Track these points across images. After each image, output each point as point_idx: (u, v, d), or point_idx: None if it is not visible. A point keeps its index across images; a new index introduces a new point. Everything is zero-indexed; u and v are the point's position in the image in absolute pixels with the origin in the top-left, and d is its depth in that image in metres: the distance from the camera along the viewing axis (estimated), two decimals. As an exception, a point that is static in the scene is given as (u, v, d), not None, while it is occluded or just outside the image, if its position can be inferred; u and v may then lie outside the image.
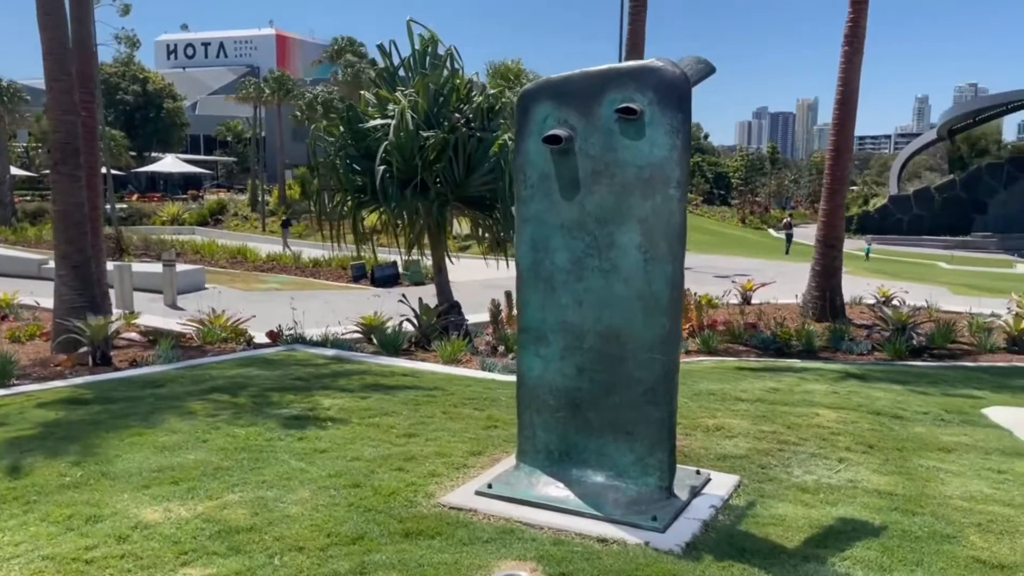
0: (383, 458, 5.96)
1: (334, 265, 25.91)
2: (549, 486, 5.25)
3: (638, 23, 13.88)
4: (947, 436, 7.07)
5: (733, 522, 4.95)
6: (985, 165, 49.77)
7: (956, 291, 21.98)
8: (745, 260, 30.33)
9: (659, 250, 4.89)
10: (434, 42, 12.43)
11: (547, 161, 5.17)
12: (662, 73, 4.82)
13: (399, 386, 8.41)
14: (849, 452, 6.44)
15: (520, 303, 5.41)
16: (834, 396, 8.47)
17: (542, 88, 5.21)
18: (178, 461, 5.84)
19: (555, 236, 5.19)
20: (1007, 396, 9.29)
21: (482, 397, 7.95)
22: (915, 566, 4.37)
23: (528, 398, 5.43)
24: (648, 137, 4.84)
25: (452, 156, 11.64)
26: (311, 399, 7.73)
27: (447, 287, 12.74)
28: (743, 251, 34.97)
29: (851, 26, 14.18)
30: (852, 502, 5.30)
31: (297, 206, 44.73)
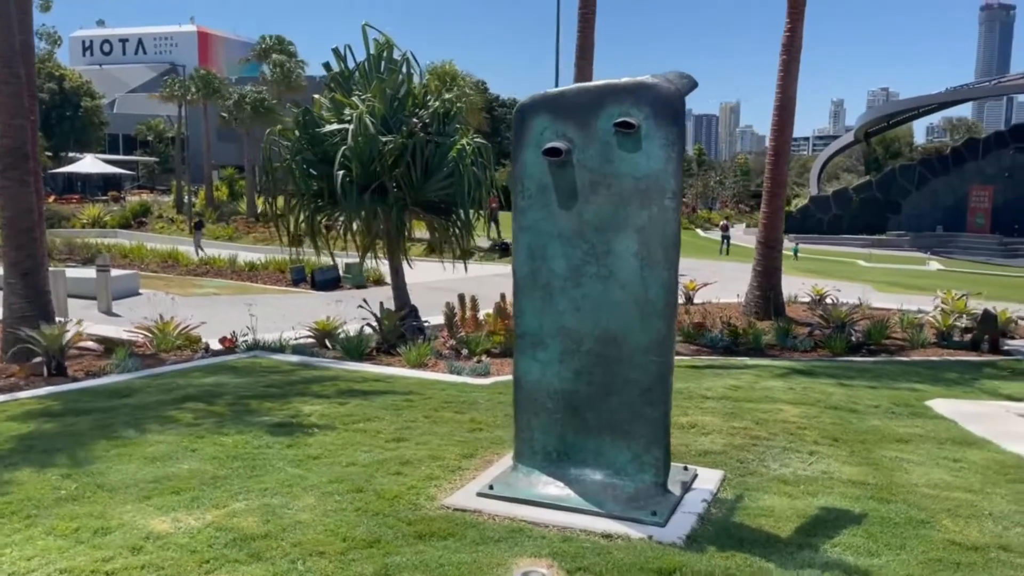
0: (378, 463, 6.07)
1: (271, 269, 25.57)
2: (549, 486, 5.45)
3: (587, 30, 14.19)
4: (902, 428, 7.54)
5: (726, 515, 5.24)
6: (898, 167, 52.02)
7: (880, 288, 23.00)
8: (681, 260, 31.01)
9: (655, 257, 5.14)
10: (389, 47, 12.49)
11: (545, 172, 5.36)
12: (658, 89, 5.07)
13: (374, 391, 8.49)
14: (817, 445, 6.82)
15: (517, 309, 5.59)
16: (792, 392, 8.90)
17: (539, 102, 5.41)
18: (172, 471, 5.82)
19: (553, 244, 5.39)
20: (943, 389, 9.90)
21: (459, 400, 8.09)
22: (899, 550, 4.72)
23: (526, 401, 5.62)
24: (644, 150, 5.09)
25: (410, 161, 11.73)
26: (290, 406, 7.75)
27: (404, 290, 12.81)
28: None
29: (788, 35, 14.78)
30: (830, 492, 5.66)
31: (225, 207, 43.90)
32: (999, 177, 49.31)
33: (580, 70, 14.26)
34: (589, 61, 14.21)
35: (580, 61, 14.22)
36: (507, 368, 10.25)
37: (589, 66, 14.23)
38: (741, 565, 4.45)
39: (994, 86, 51.60)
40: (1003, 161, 49.43)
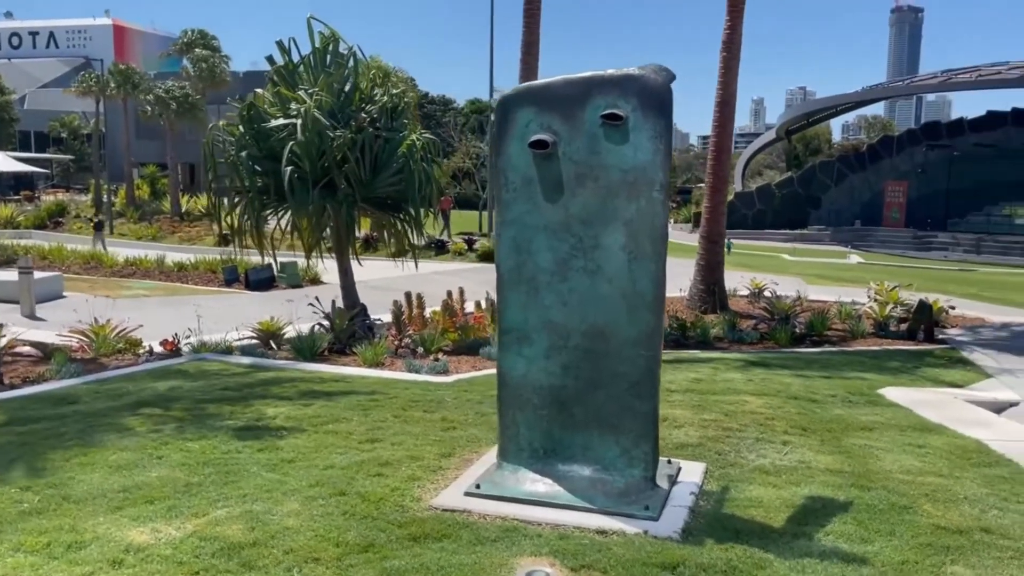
0: (357, 465, 5.90)
1: (202, 269, 24.82)
2: (537, 483, 5.38)
3: (533, 26, 14.17)
4: (864, 416, 7.72)
5: (715, 507, 5.26)
6: (818, 163, 53.64)
7: (810, 281, 23.64)
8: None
9: (643, 250, 5.12)
10: (335, 40, 12.21)
11: (530, 165, 5.29)
12: (645, 81, 5.05)
13: (337, 392, 8.28)
14: (788, 435, 6.93)
15: (502, 304, 5.50)
16: (752, 384, 9.04)
17: (523, 94, 5.33)
18: (141, 480, 5.55)
19: (538, 238, 5.32)
20: (890, 377, 10.21)
21: (426, 399, 7.96)
22: (889, 536, 4.81)
23: (511, 397, 5.53)
24: (632, 142, 5.06)
25: (359, 157, 11.50)
26: (252, 409, 7.49)
27: (353, 289, 12.57)
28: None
29: (729, 32, 15.04)
30: (812, 481, 5.74)
31: (147, 206, 42.45)
32: (913, 173, 51.32)
33: (526, 66, 14.23)
34: (535, 57, 14.20)
35: (526, 57, 14.19)
36: (465, 366, 10.17)
37: (535, 62, 14.21)
38: (741, 557, 4.47)
39: (907, 86, 53.63)
40: (916, 158, 51.44)
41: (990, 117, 48.74)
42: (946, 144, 50.61)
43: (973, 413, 8.47)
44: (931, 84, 50.13)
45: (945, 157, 50.64)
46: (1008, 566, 4.45)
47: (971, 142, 49.31)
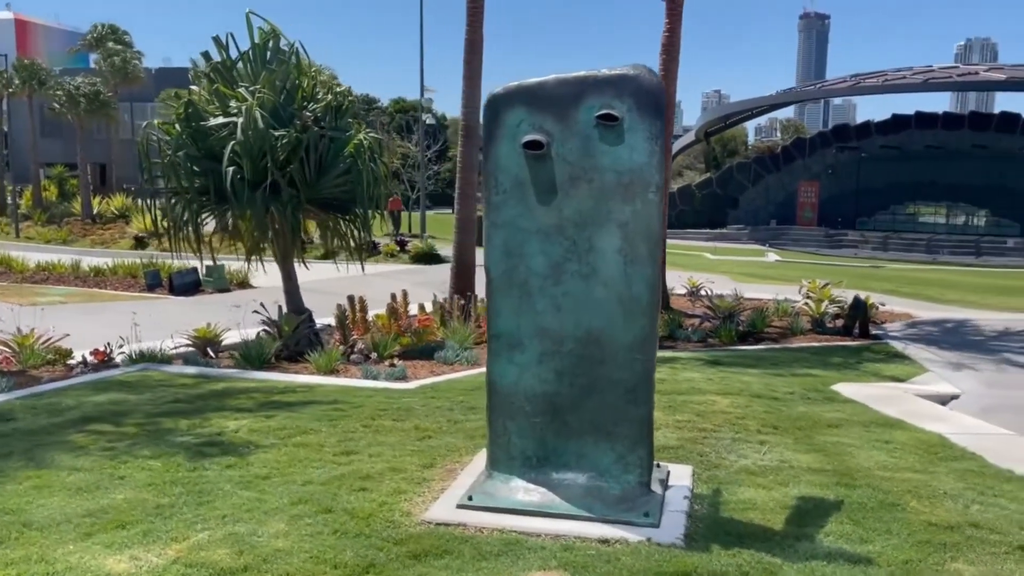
0: (337, 479, 5.65)
1: (121, 273, 23.77)
2: (531, 492, 5.24)
3: (476, 24, 14.00)
4: (827, 413, 7.85)
5: (711, 511, 5.22)
6: (736, 164, 55.05)
7: (737, 279, 24.13)
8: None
9: (639, 253, 5.04)
10: (275, 36, 11.80)
11: (521, 166, 5.15)
12: (640, 81, 4.97)
13: (297, 402, 7.96)
14: (762, 434, 6.98)
15: (492, 310, 5.34)
16: (713, 383, 9.10)
17: (514, 93, 5.18)
18: (106, 502, 5.18)
19: (531, 241, 5.18)
20: (838, 373, 10.45)
21: (394, 408, 7.72)
22: (887, 535, 4.85)
23: (501, 405, 5.38)
24: (627, 143, 4.98)
25: (304, 157, 11.14)
26: (211, 422, 7.12)
27: (298, 294, 12.16)
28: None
29: (668, 35, 15.19)
30: (799, 481, 5.77)
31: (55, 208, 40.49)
32: (824, 174, 53.17)
33: (469, 65, 14.07)
34: (479, 56, 14.05)
35: (469, 56, 14.03)
36: (423, 371, 9.95)
37: (479, 62, 14.06)
38: (750, 562, 4.43)
39: (819, 89, 55.53)
40: (827, 159, 53.31)
41: (895, 120, 50.85)
42: (855, 146, 52.62)
43: (925, 407, 8.72)
44: (841, 88, 52.01)
45: (854, 158, 52.65)
46: (1006, 561, 4.54)
47: (878, 144, 51.41)
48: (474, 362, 10.62)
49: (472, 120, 14.37)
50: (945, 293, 22.12)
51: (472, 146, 14.46)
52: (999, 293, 23.29)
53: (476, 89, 14.10)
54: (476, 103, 14.28)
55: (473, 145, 14.51)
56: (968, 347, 13.12)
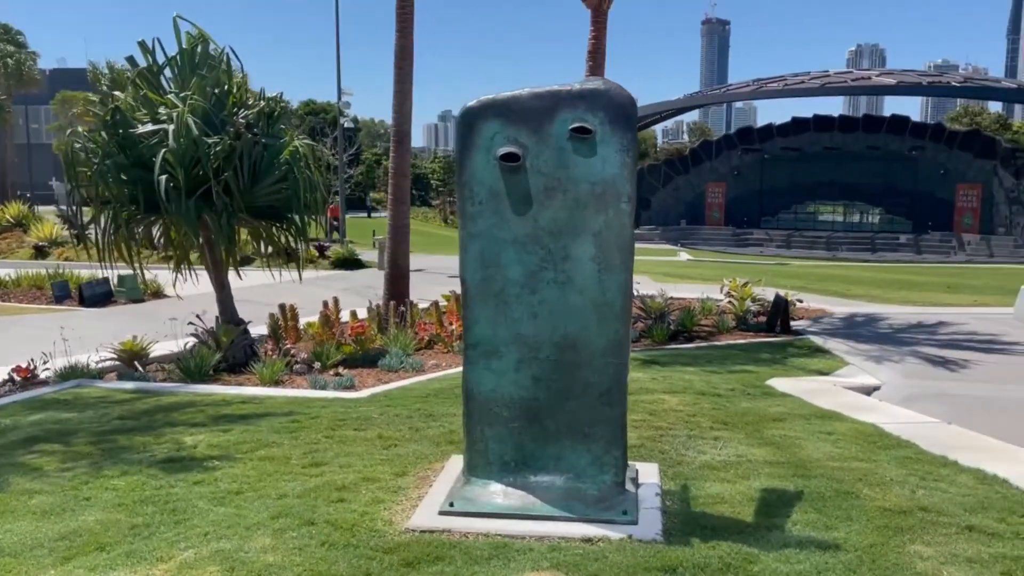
0: (312, 492, 5.64)
1: (25, 285, 22.66)
2: (511, 496, 5.36)
3: (406, 31, 14.00)
4: (769, 408, 8.23)
5: (683, 506, 5.45)
6: (647, 166, 56.35)
7: (656, 278, 24.82)
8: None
9: (612, 261, 5.23)
10: (204, 41, 11.55)
11: (496, 178, 5.26)
12: (612, 95, 5.16)
13: (250, 415, 7.85)
14: (715, 431, 7.28)
15: (469, 319, 5.43)
16: (657, 382, 9.40)
17: (488, 106, 5.29)
18: (78, 525, 5.04)
19: (507, 251, 5.30)
20: (769, 369, 10.93)
21: (352, 417, 7.71)
22: (848, 521, 5.17)
23: (479, 412, 5.48)
24: (600, 155, 5.16)
25: (238, 164, 10.95)
26: (167, 439, 6.97)
27: (231, 304, 11.92)
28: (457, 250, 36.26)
29: (594, 42, 15.51)
30: (759, 474, 6.06)
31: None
32: (730, 175, 54.98)
33: (400, 71, 14.05)
34: (410, 62, 14.04)
35: (400, 62, 14.01)
36: (371, 379, 9.94)
37: (410, 67, 14.06)
38: (730, 553, 4.66)
39: (723, 93, 57.42)
40: (732, 160, 55.15)
41: (795, 123, 52.96)
42: (758, 148, 54.60)
43: (855, 399, 9.23)
44: (745, 92, 53.87)
45: (757, 160, 54.61)
46: (957, 541, 4.90)
47: (779, 146, 53.47)
48: (419, 369, 10.66)
49: (404, 126, 14.37)
50: (851, 288, 23.27)
51: (404, 152, 14.46)
52: (899, 287, 24.63)
53: (407, 96, 14.10)
54: (408, 109, 14.29)
55: (405, 151, 14.51)
56: (881, 340, 13.88)
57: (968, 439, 7.42)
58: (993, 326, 15.25)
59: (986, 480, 6.06)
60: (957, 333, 14.58)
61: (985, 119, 55.62)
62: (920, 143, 50.83)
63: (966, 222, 50.69)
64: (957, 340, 13.88)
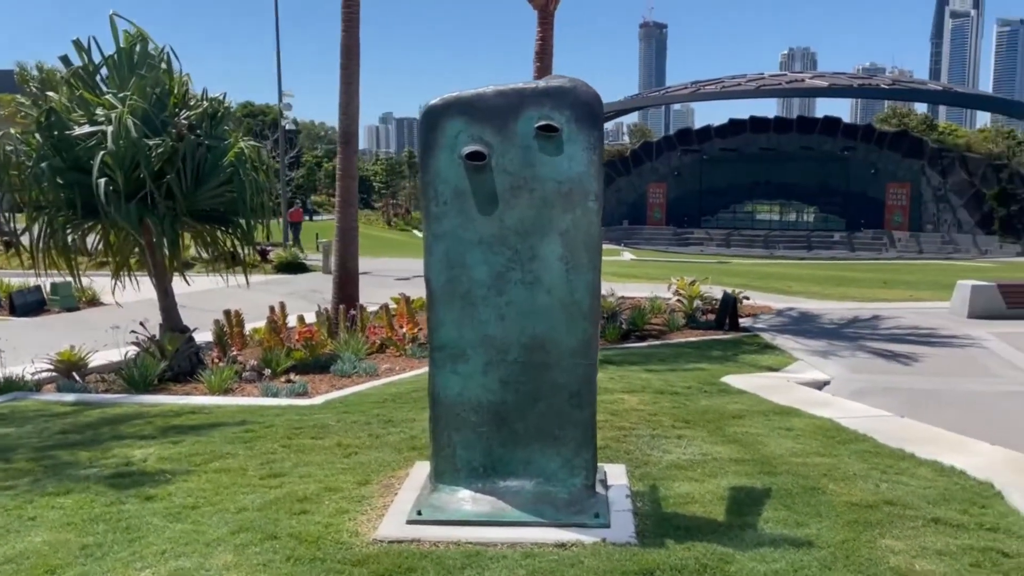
0: (272, 504, 5.43)
1: (-59, 295, 21.71)
2: (480, 503, 5.24)
3: (352, 30, 13.77)
4: (728, 405, 8.27)
5: (653, 507, 5.40)
6: (587, 167, 56.92)
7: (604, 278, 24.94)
8: (414, 261, 31.29)
9: (580, 260, 5.16)
10: (143, 40, 11.16)
11: (461, 177, 5.15)
12: (578, 92, 5.09)
13: (201, 425, 7.57)
14: (677, 429, 7.27)
15: (434, 321, 5.30)
16: (615, 381, 9.38)
17: (452, 104, 5.17)
18: (24, 547, 4.76)
19: (473, 252, 5.19)
20: (721, 366, 11.02)
21: (308, 425, 7.49)
22: (818, 517, 5.18)
23: (445, 417, 5.35)
24: (567, 153, 5.08)
25: (181, 166, 10.60)
26: (113, 453, 6.66)
27: (175, 311, 11.54)
28: (402, 253, 35.93)
29: (541, 43, 15.48)
30: (725, 472, 6.06)
31: None
32: (671, 176, 55.73)
33: (346, 71, 13.82)
34: (356, 62, 13.82)
35: (346, 62, 13.79)
36: (324, 385, 9.72)
37: (356, 67, 13.84)
38: (705, 554, 4.62)
39: (662, 95, 58.19)
40: (672, 161, 55.92)
41: (732, 124, 53.91)
42: (697, 149, 55.42)
43: (809, 394, 9.35)
44: (684, 94, 54.64)
45: (697, 161, 55.42)
46: (925, 534, 4.95)
47: (718, 147, 54.37)
48: (372, 373, 10.46)
49: (351, 127, 14.13)
50: (792, 286, 23.74)
51: (352, 153, 14.23)
52: (838, 284, 25.22)
53: (354, 96, 13.88)
54: (354, 109, 14.07)
55: (353, 152, 14.28)
56: (826, 335, 14.14)
57: (921, 432, 7.55)
58: (931, 320, 15.68)
59: (944, 472, 6.16)
60: (898, 328, 14.94)
61: (912, 120, 57.42)
62: (852, 143, 52.23)
63: (896, 220, 52.22)
64: (899, 334, 14.22)
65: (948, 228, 50.01)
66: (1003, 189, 47.63)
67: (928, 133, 53.77)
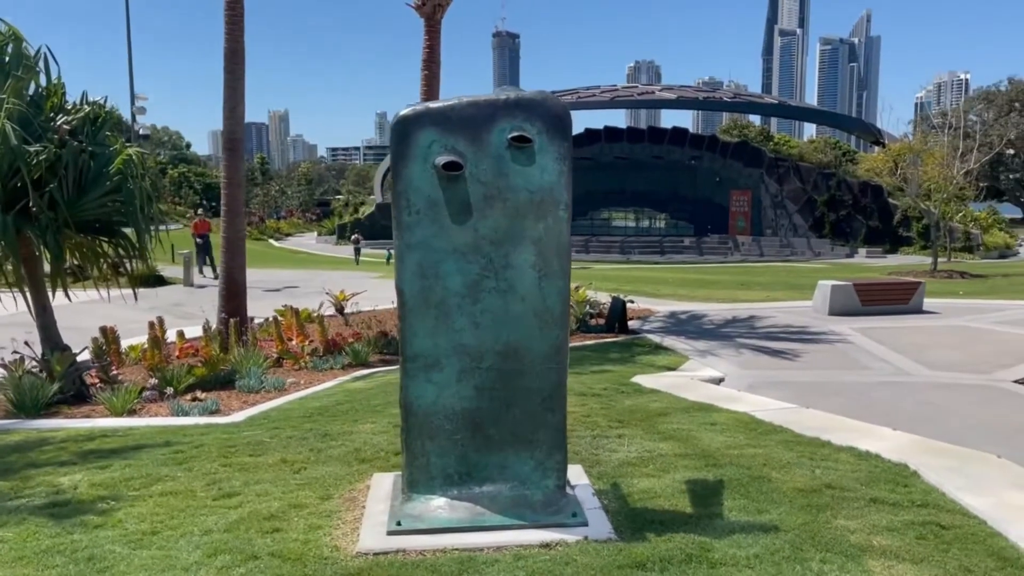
0: (238, 524, 5.24)
1: None
2: (458, 509, 5.27)
3: (236, 32, 13.32)
4: (650, 404, 8.63)
5: (621, 504, 5.59)
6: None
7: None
8: (280, 272, 30.39)
9: (552, 267, 5.29)
10: (16, 39, 10.37)
11: (434, 187, 5.17)
12: (548, 104, 5.24)
13: (123, 448, 7.14)
14: (614, 429, 7.53)
15: (407, 331, 5.28)
16: (535, 386, 9.54)
17: (423, 114, 5.18)
18: (-21, 589, 4.39)
19: (447, 261, 5.22)
20: (625, 368, 11.47)
21: (241, 443, 7.21)
22: (775, 504, 5.54)
23: (419, 426, 5.34)
24: (538, 164, 5.21)
25: (64, 174, 9.94)
26: (36, 481, 6.19)
27: (54, 329, 10.78)
28: (264, 263, 34.72)
29: (428, 51, 15.55)
30: (676, 467, 6.34)
31: None
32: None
33: (231, 75, 13.35)
34: (241, 65, 13.37)
35: (231, 66, 13.31)
36: (236, 402, 9.41)
37: (241, 71, 13.38)
38: (687, 544, 4.85)
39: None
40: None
41: (588, 134, 55.55)
42: (555, 157, 56.59)
43: (715, 391, 9.89)
44: (541, 103, 55.75)
45: (555, 168, 56.54)
46: (869, 513, 5.39)
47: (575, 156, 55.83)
48: (281, 388, 10.19)
49: (237, 133, 13.66)
50: (659, 289, 24.80)
51: (238, 160, 13.75)
52: (700, 286, 26.58)
53: (240, 100, 13.42)
54: (240, 115, 13.61)
55: (239, 159, 13.80)
56: (709, 335, 14.94)
57: (827, 421, 8.15)
58: (798, 318, 16.86)
59: (863, 456, 6.71)
60: (771, 326, 15.97)
61: (752, 131, 61.23)
62: (698, 153, 55.09)
63: (739, 225, 55.50)
64: (774, 332, 15.21)
65: (785, 232, 53.68)
66: (832, 196, 51.65)
67: (765, 143, 57.49)
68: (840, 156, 59.24)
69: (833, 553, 4.72)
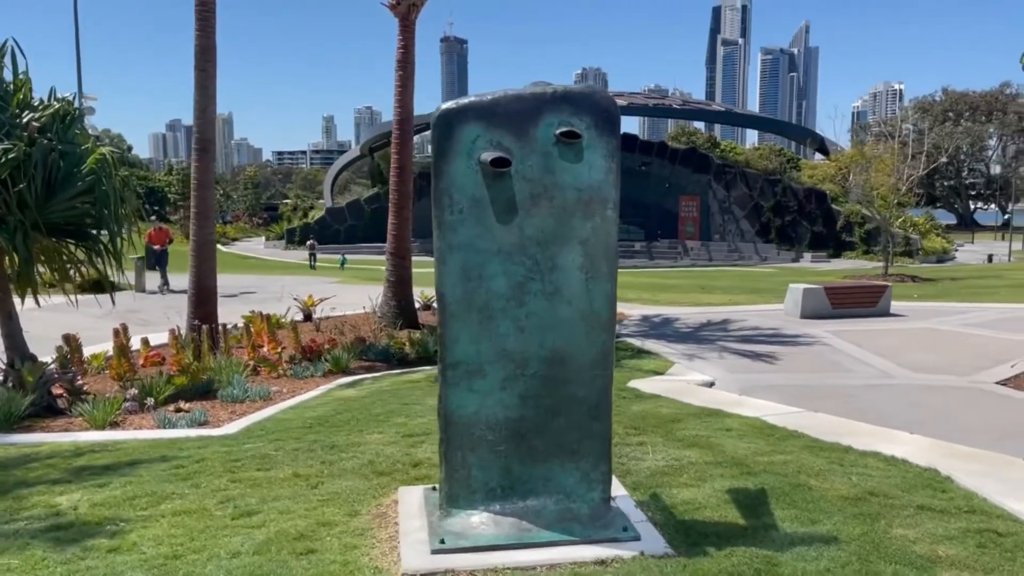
0: (267, 545, 4.87)
1: None
2: (502, 525, 4.99)
3: (208, 30, 12.79)
4: (660, 409, 8.45)
5: (666, 516, 5.37)
6: (399, 179, 56.53)
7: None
8: (233, 277, 29.55)
9: (599, 269, 5.05)
10: (-21, 28, 9.75)
11: (479, 185, 4.88)
12: (597, 98, 5.00)
13: (117, 464, 6.66)
14: (632, 436, 7.31)
15: (448, 337, 4.98)
16: (536, 393, 9.29)
17: (468, 109, 4.89)
18: (-5, 627, 3.95)
19: (491, 262, 4.93)
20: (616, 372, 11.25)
21: (245, 457, 6.80)
22: (824, 514, 5.36)
23: (460, 437, 5.04)
24: (587, 160, 4.97)
25: (33, 174, 9.37)
26: (32, 502, 5.70)
27: (20, 337, 10.15)
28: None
29: (402, 52, 15.22)
30: (711, 476, 6.15)
31: None
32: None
33: (202, 72, 12.81)
34: (212, 63, 12.84)
35: (202, 63, 12.77)
36: (222, 413, 8.95)
37: (213, 68, 12.85)
38: (752, 559, 4.63)
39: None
40: (483, 174, 56.70)
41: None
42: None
43: (716, 395, 9.77)
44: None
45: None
46: (922, 521, 5.25)
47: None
48: (267, 398, 9.73)
49: (207, 133, 13.13)
50: (624, 292, 24.72)
51: (208, 162, 13.20)
52: (662, 290, 26.65)
53: (211, 99, 12.89)
54: (211, 114, 13.08)
55: (210, 160, 13.26)
56: (687, 339, 14.87)
57: (839, 425, 8.07)
58: (771, 321, 16.92)
59: (891, 462, 6.61)
60: (746, 329, 15.99)
61: (699, 138, 61.91)
62: (648, 159, 55.50)
63: (688, 230, 56.08)
64: (751, 335, 15.22)
65: (733, 237, 54.43)
66: (778, 202, 52.52)
67: (713, 150, 58.19)
68: (785, 163, 60.27)
69: (903, 565, 4.56)
